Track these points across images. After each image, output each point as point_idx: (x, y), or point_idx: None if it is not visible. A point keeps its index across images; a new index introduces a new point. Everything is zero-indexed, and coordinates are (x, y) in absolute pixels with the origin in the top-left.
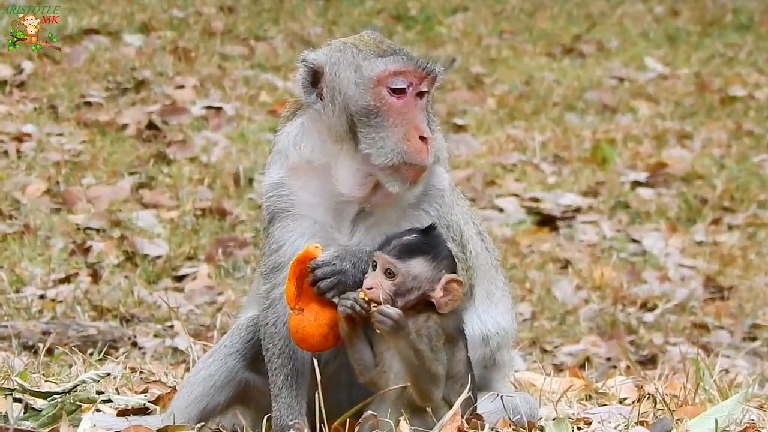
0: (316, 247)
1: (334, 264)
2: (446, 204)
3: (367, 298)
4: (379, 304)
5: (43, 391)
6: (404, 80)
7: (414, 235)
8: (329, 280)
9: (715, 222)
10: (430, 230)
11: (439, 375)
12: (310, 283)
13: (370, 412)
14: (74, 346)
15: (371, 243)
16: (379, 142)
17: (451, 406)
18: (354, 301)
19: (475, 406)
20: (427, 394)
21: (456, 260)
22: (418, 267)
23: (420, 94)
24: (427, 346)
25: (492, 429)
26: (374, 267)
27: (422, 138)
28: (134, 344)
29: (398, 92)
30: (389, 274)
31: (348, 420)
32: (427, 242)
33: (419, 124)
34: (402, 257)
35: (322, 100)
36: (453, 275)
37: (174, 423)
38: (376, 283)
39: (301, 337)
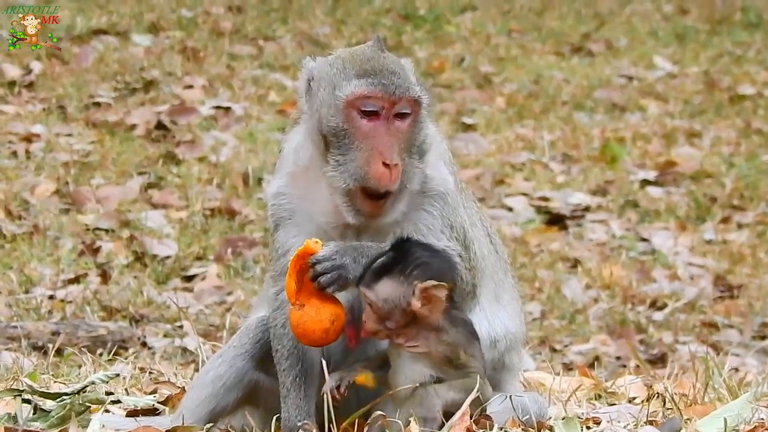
0: (316, 242)
1: (334, 259)
2: (449, 205)
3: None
4: (375, 334)
5: (52, 392)
6: (374, 104)
7: (384, 257)
8: (329, 275)
9: (725, 220)
10: (399, 246)
11: (477, 370)
12: (311, 278)
13: (379, 412)
14: (83, 347)
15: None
16: (342, 165)
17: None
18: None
19: (485, 407)
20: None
21: (455, 262)
22: (385, 289)
23: (401, 117)
24: (451, 366)
25: (501, 429)
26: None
27: (386, 164)
28: (143, 344)
29: (370, 115)
30: (369, 304)
31: (357, 420)
32: (392, 260)
33: (384, 150)
34: (370, 285)
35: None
36: (426, 283)
37: (183, 423)
38: (366, 316)
39: (302, 333)
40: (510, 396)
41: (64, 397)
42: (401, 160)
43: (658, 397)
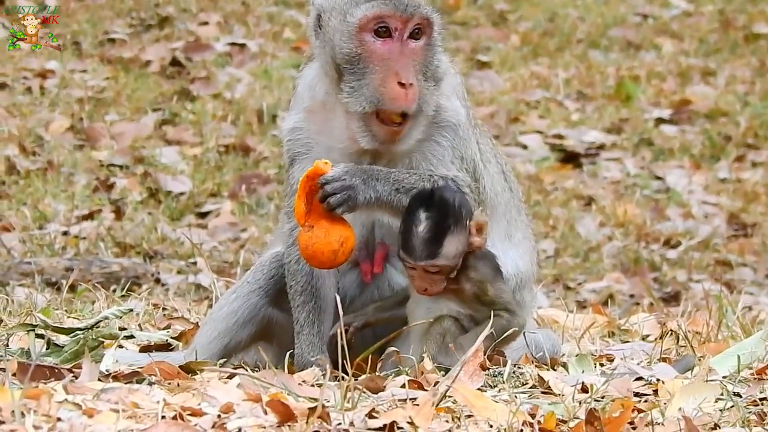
0: (326, 163)
1: (344, 179)
2: (460, 137)
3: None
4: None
5: (65, 327)
6: (387, 24)
7: (424, 221)
8: (339, 195)
9: (739, 159)
10: (430, 203)
11: (506, 304)
12: (320, 199)
13: (393, 348)
14: (97, 283)
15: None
16: (357, 89)
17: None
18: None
19: (497, 341)
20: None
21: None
22: (451, 247)
23: (416, 38)
24: (479, 303)
25: (514, 365)
26: (412, 269)
27: (401, 84)
28: (157, 281)
29: (383, 36)
30: (434, 271)
31: (371, 356)
32: (441, 218)
33: (400, 69)
34: (434, 255)
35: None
36: (475, 217)
37: (196, 359)
38: (430, 283)
39: (311, 254)
40: (524, 333)
41: (78, 332)
42: (417, 81)
43: (671, 334)
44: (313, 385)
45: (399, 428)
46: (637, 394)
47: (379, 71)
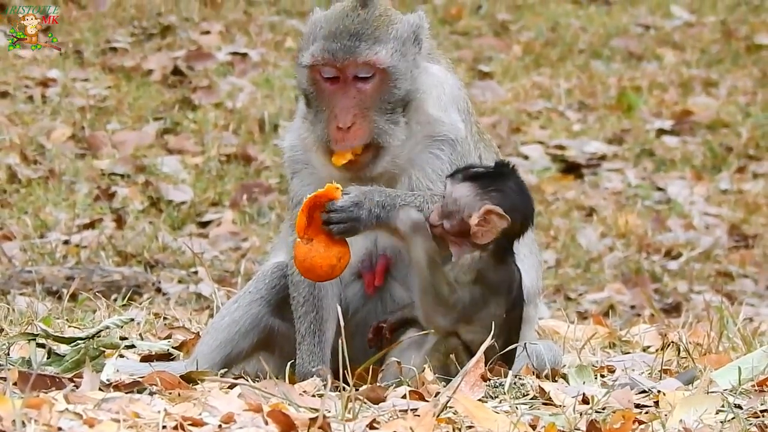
0: (337, 188)
1: (351, 211)
2: (458, 152)
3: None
4: (434, 227)
5: (66, 336)
6: (328, 70)
7: (483, 169)
8: (342, 225)
9: (740, 170)
10: (500, 167)
11: (446, 300)
12: (324, 222)
13: (394, 359)
14: (98, 292)
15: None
16: (313, 125)
17: (471, 353)
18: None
19: (499, 354)
20: (429, 314)
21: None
22: (461, 190)
23: (363, 79)
24: (449, 271)
25: (515, 376)
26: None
27: (339, 128)
28: (158, 290)
29: (331, 79)
30: (443, 196)
31: (371, 367)
32: (484, 172)
33: (339, 113)
34: (454, 180)
35: None
36: (493, 206)
37: (198, 369)
38: (434, 207)
39: (308, 267)
40: (525, 344)
41: (79, 341)
42: (365, 119)
43: (672, 346)
44: (314, 396)
45: None
46: (638, 406)
47: (326, 111)
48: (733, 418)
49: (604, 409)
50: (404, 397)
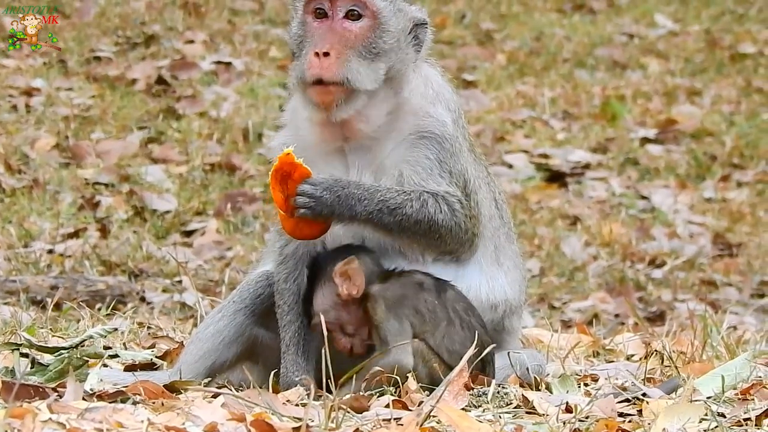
0: (288, 153)
1: (315, 189)
2: (446, 150)
3: None
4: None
5: (50, 346)
6: (323, 6)
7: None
8: (303, 199)
9: (724, 179)
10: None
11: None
12: (292, 205)
13: (378, 368)
14: (82, 301)
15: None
16: (295, 65)
17: (439, 356)
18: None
19: (480, 361)
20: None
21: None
22: (319, 300)
23: (353, 18)
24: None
25: (499, 385)
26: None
27: (316, 54)
28: (142, 299)
29: (320, 18)
30: (327, 329)
31: (355, 376)
32: (312, 277)
33: (318, 41)
34: (318, 307)
35: None
36: (336, 266)
37: (181, 378)
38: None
39: (299, 236)
40: (509, 353)
41: (62, 351)
42: (342, 56)
43: (656, 354)
44: (297, 405)
45: None
46: (621, 414)
47: (309, 45)
48: (716, 427)
49: (587, 418)
50: (387, 406)
